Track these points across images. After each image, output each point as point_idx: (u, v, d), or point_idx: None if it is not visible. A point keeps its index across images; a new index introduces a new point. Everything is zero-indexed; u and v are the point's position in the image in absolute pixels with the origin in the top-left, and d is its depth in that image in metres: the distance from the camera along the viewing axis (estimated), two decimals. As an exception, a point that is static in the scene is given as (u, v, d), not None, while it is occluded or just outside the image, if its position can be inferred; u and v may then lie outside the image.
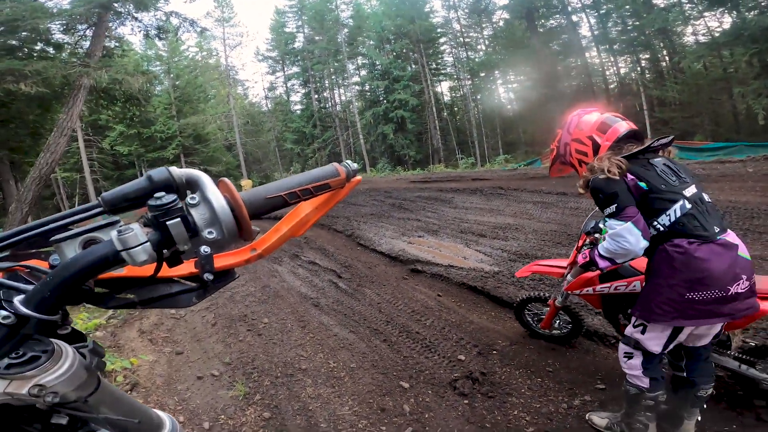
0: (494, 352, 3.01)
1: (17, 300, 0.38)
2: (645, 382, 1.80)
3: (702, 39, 20.42)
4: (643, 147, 1.68)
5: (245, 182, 28.51)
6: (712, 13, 18.87)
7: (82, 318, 4.12)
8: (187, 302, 0.51)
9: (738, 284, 1.54)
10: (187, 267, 0.50)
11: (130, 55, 22.20)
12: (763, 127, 14.11)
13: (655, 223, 1.62)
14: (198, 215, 0.41)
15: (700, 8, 18.67)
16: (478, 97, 31.48)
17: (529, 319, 3.08)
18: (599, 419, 2.13)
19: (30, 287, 0.41)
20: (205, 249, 0.41)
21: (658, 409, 1.86)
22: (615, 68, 26.38)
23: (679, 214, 1.58)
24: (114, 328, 4.12)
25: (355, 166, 0.57)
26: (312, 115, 33.40)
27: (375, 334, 3.50)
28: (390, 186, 13.34)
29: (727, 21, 18.17)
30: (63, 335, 0.47)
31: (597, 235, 2.20)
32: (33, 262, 0.50)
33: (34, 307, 0.38)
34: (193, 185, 0.44)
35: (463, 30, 31.33)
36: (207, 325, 4.01)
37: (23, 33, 11.39)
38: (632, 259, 1.74)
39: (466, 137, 30.94)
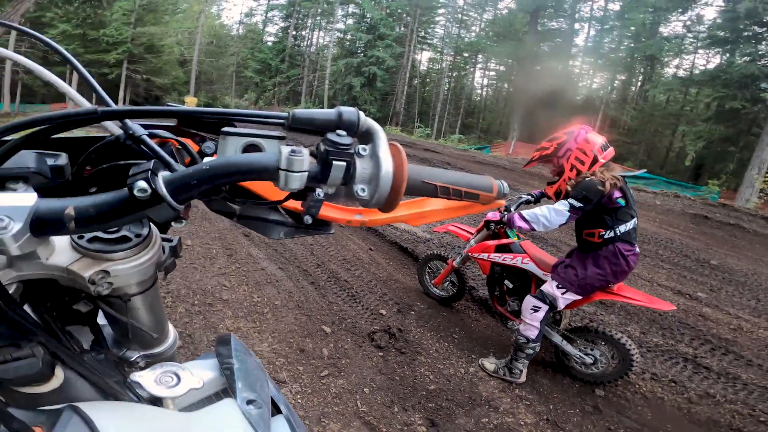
0: (412, 312, 3.14)
1: (161, 176, 0.35)
2: (533, 334, 2.35)
3: (681, 73, 21.78)
4: (630, 173, 2.26)
5: (189, 99, 26.57)
6: (707, 51, 20.04)
7: None
8: (276, 234, 0.52)
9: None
10: (293, 201, 0.49)
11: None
12: (685, 168, 15.79)
13: (615, 229, 2.17)
14: (360, 168, 0.39)
15: (699, 44, 19.69)
16: (454, 74, 31.51)
17: (427, 277, 3.42)
18: (488, 363, 2.58)
19: (179, 167, 0.39)
20: (319, 193, 0.40)
21: (531, 358, 2.43)
22: (589, 82, 27.52)
23: (629, 228, 2.18)
24: None
25: (507, 188, 0.53)
26: (284, 50, 31.34)
27: (304, 275, 3.48)
28: (343, 136, 12.99)
29: (715, 61, 19.43)
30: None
31: (504, 212, 2.58)
32: (187, 141, 0.50)
33: (172, 191, 0.34)
34: (368, 137, 0.42)
35: (465, 8, 30.77)
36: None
37: None
38: (535, 231, 2.26)
39: (428, 109, 30.98)
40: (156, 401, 0.44)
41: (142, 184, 0.33)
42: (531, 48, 23.60)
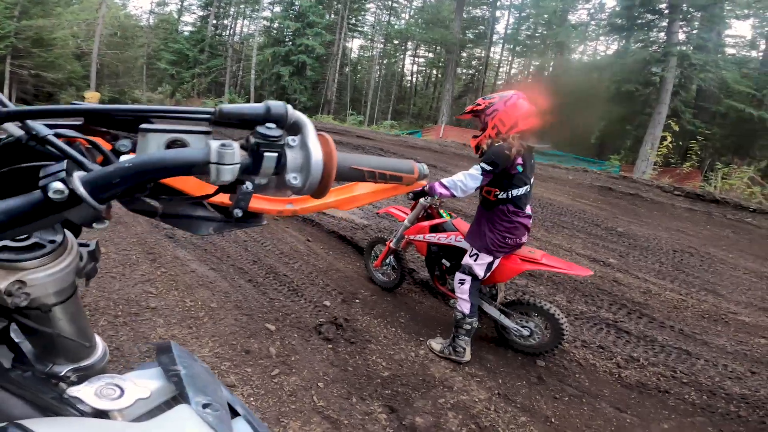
0: (357, 300, 3.15)
1: (77, 176, 0.33)
2: (467, 307, 2.49)
3: (585, 59, 23.80)
4: (538, 145, 2.43)
5: (90, 94, 23.79)
6: (607, 37, 21.98)
7: None
8: (204, 230, 0.50)
9: (524, 237, 2.48)
10: (221, 195, 0.47)
11: None
12: (592, 145, 17.44)
13: (509, 192, 2.37)
14: (291, 158, 0.40)
15: (600, 31, 21.59)
16: (384, 61, 31.69)
17: (370, 262, 3.45)
18: (435, 344, 2.69)
19: (95, 166, 0.37)
20: (247, 185, 0.40)
21: (472, 334, 2.55)
22: (507, 68, 29.16)
23: (521, 193, 2.38)
24: None
25: (427, 170, 0.57)
26: (203, 40, 28.96)
27: (240, 273, 3.33)
28: (273, 127, 12.47)
29: (614, 48, 21.34)
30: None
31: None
32: (97, 140, 0.45)
33: (90, 190, 0.33)
34: (297, 129, 0.42)
35: None
36: None
37: None
38: (455, 197, 2.39)
39: (360, 96, 30.94)
40: (101, 415, 0.42)
41: (58, 185, 0.32)
42: (456, 35, 24.48)
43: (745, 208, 6.62)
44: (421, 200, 2.78)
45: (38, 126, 0.42)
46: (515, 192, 2.35)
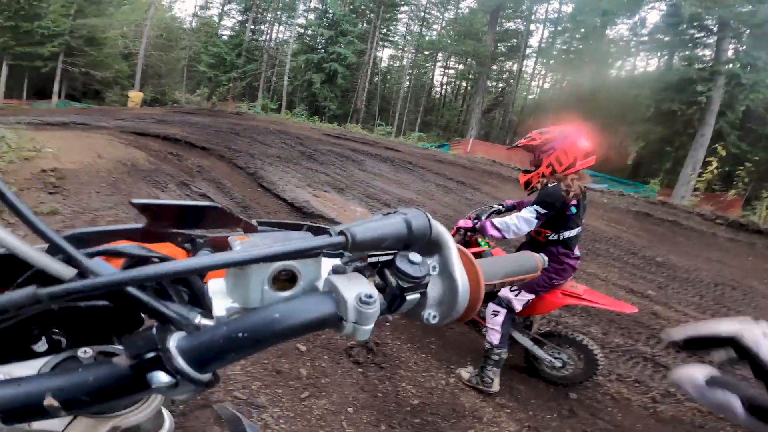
0: (387, 324, 3.11)
1: (175, 348, 0.26)
2: (497, 338, 2.41)
3: (623, 75, 23.17)
4: (596, 186, 2.39)
5: (134, 94, 24.91)
6: (648, 54, 21.34)
7: None
8: None
9: (570, 279, 2.45)
10: None
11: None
12: (628, 167, 16.85)
13: (560, 234, 2.30)
14: (431, 289, 0.34)
15: (641, 48, 20.99)
16: (414, 72, 31.83)
17: None
18: (464, 373, 2.63)
19: (192, 314, 0.29)
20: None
21: (501, 365, 2.46)
22: (540, 82, 28.78)
23: (573, 234, 2.32)
24: None
25: (546, 261, 0.55)
26: (240, 44, 30.04)
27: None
28: (303, 133, 12.69)
29: (653, 64, 20.65)
30: None
31: (475, 220, 2.61)
32: (167, 247, 0.38)
33: (195, 362, 0.26)
34: (436, 246, 0.36)
35: (428, 6, 31.32)
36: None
37: None
38: (508, 238, 2.35)
39: (388, 106, 31.12)
40: None
41: (164, 378, 0.25)
42: (489, 47, 24.31)
43: (792, 241, 6.24)
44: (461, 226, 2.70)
45: (88, 261, 0.27)
46: (567, 234, 2.29)
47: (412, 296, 0.33)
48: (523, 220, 2.21)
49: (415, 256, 0.33)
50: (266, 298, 0.32)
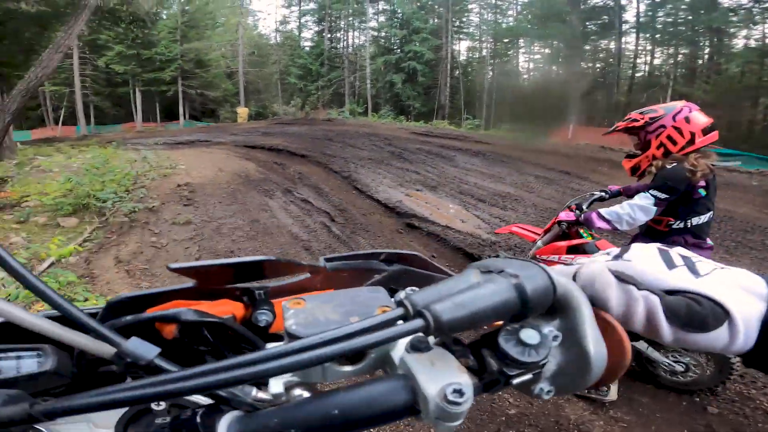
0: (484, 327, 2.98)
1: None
2: None
3: (752, 44, 19.79)
4: (727, 163, 2.14)
5: (241, 110, 27.79)
6: None
7: (56, 243, 3.81)
8: None
9: None
10: None
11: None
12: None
13: (687, 220, 2.00)
14: (552, 358, 0.26)
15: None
16: (496, 61, 30.44)
17: None
18: None
19: (241, 389, 0.26)
20: None
21: None
22: (648, 58, 25.46)
23: (704, 220, 2.02)
24: (89, 254, 3.88)
25: None
26: (321, 54, 32.07)
27: (366, 286, 3.44)
28: (391, 134, 12.95)
29: None
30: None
31: (577, 211, 2.31)
32: (223, 304, 0.35)
33: None
34: (558, 307, 0.26)
35: None
36: (190, 259, 3.87)
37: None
38: (618, 231, 2.10)
39: (474, 99, 30.09)
40: None
41: None
42: (576, 28, 22.09)
43: None
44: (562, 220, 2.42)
45: (129, 346, 0.24)
46: (696, 220, 1.98)
47: (520, 380, 0.25)
48: (638, 208, 1.95)
49: (529, 335, 0.25)
50: (329, 373, 0.28)
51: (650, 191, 1.94)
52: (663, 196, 1.91)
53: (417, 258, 0.45)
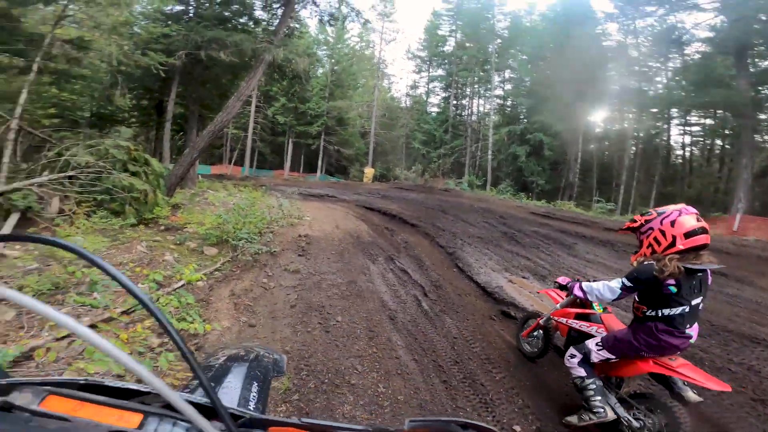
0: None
1: None
2: (581, 371, 2.50)
3: None
4: (699, 266, 2.10)
5: (368, 170, 30.22)
6: None
7: (191, 268, 4.57)
8: None
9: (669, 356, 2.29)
10: None
11: (305, 37, 24.60)
12: None
13: (658, 311, 2.21)
14: None
15: None
16: (640, 134, 27.06)
17: (520, 332, 3.68)
18: (572, 418, 2.60)
19: None
20: None
21: (603, 391, 2.45)
22: None
23: (675, 313, 2.17)
24: (214, 282, 4.61)
25: None
26: (446, 120, 33.49)
27: (437, 371, 3.31)
28: (507, 211, 12.59)
29: None
30: None
31: (570, 280, 2.88)
32: None
33: None
34: None
35: (640, 58, 26.78)
36: (287, 305, 4.26)
37: (234, 6, 13.71)
38: (591, 302, 2.71)
39: (610, 178, 27.35)
40: None
41: None
42: (746, 93, 18.52)
43: None
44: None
45: None
46: (666, 311, 2.19)
47: None
48: (607, 288, 2.32)
49: None
50: None
51: (623, 278, 2.27)
52: (629, 284, 2.23)
53: None
